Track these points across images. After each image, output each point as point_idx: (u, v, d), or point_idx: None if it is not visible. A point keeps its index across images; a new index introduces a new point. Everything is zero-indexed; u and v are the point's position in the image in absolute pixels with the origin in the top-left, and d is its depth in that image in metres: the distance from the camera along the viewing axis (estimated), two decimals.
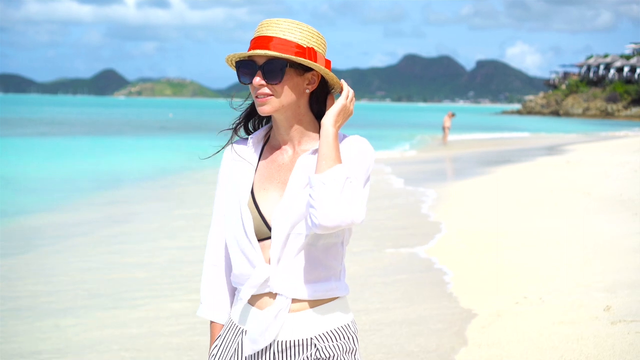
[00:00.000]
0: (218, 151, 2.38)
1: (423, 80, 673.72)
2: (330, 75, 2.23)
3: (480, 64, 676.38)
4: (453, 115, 35.85)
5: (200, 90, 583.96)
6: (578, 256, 7.61)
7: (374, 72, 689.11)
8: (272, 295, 2.19)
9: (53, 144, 30.72)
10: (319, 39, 2.24)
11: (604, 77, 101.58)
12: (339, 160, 2.11)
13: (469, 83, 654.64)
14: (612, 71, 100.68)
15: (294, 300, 2.19)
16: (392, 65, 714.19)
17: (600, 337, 4.87)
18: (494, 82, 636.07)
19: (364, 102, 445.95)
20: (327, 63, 2.25)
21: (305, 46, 2.19)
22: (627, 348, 4.58)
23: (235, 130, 2.35)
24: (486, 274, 7.19)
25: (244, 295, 2.19)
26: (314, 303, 2.20)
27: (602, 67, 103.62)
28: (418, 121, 73.87)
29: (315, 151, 2.21)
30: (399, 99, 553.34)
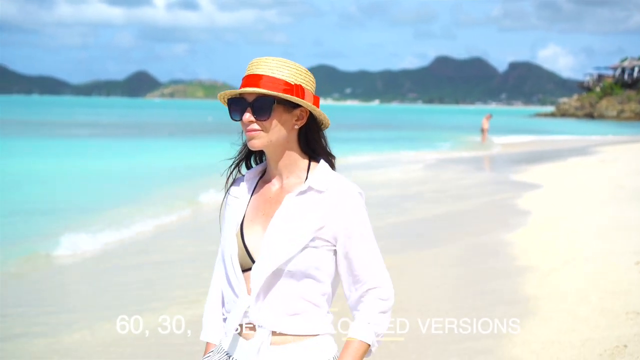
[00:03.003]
0: (227, 182, 2.48)
1: (455, 82, 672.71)
2: (317, 112, 2.32)
3: (513, 66, 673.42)
4: (491, 117, 37.61)
5: None
6: (613, 231, 9.36)
7: (405, 74, 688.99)
8: (254, 327, 2.28)
9: (117, 146, 32.15)
10: (307, 76, 2.33)
11: (638, 80, 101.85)
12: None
13: (501, 85, 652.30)
14: None
15: (274, 333, 2.27)
16: (424, 67, 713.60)
17: (632, 280, 6.65)
18: (527, 84, 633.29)
19: (395, 104, 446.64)
20: (316, 100, 2.33)
21: (293, 83, 2.27)
22: None
23: (238, 167, 2.47)
24: (541, 242, 8.98)
25: (229, 326, 2.32)
26: (295, 338, 2.27)
27: (636, 69, 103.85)
28: (453, 123, 75.28)
29: (302, 192, 2.30)
30: (430, 101, 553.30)
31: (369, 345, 2.29)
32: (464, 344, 5.34)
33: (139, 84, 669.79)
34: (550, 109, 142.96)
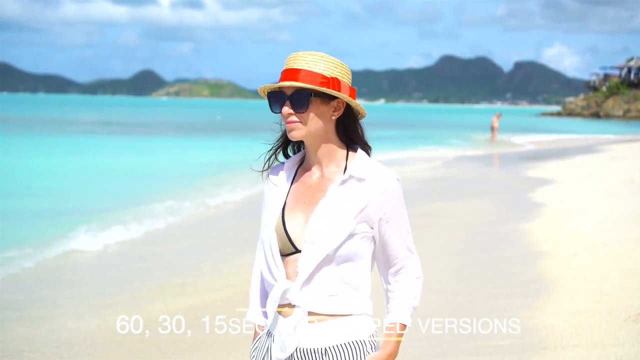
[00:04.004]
0: (263, 169, 2.59)
1: (460, 81, 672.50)
2: (354, 103, 2.43)
3: (518, 65, 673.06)
4: (500, 116, 38.37)
5: (238, 91, 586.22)
6: (627, 220, 10.04)
7: (411, 73, 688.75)
8: (293, 306, 2.40)
9: (133, 143, 32.77)
10: (343, 69, 2.43)
11: None
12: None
13: (506, 84, 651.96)
14: None
15: (311, 313, 2.38)
16: (429, 66, 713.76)
17: None
18: (532, 84, 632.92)
19: (400, 104, 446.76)
20: (352, 91, 2.44)
21: (329, 76, 2.37)
22: None
23: (275, 155, 2.57)
24: (560, 231, 9.65)
25: (269, 307, 2.44)
26: (331, 317, 2.39)
27: None
28: (462, 122, 75.89)
29: (344, 182, 2.41)
30: (436, 100, 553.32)
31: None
32: (499, 313, 6.01)
33: (144, 83, 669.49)
34: (555, 108, 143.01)
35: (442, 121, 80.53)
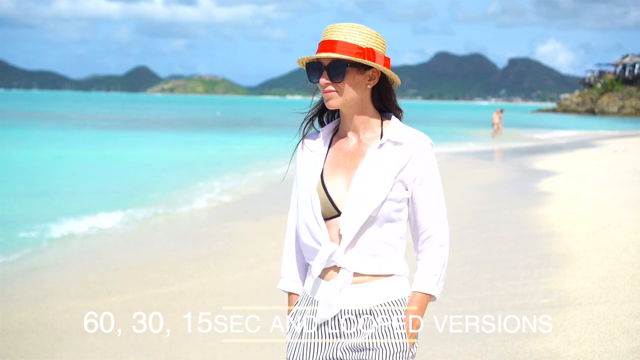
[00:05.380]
0: (300, 139, 2.65)
1: (455, 78, 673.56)
2: (388, 72, 2.49)
3: (513, 62, 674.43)
4: (502, 111, 39.19)
5: (232, 88, 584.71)
6: (637, 204, 10.88)
7: (405, 69, 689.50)
8: (337, 269, 2.47)
9: (141, 138, 33.55)
10: (378, 39, 2.48)
11: (639, 76, 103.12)
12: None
13: (500, 81, 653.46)
14: None
15: (356, 274, 2.45)
16: (424, 63, 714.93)
17: None
18: (526, 80, 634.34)
19: None
20: (387, 60, 2.50)
21: (364, 47, 2.43)
22: None
23: (311, 122, 2.64)
24: (574, 214, 10.50)
25: (314, 271, 2.48)
26: (374, 277, 2.47)
27: (637, 66, 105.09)
28: (461, 118, 76.67)
29: (381, 145, 2.50)
30: (430, 97, 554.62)
31: (433, 295, 2.55)
32: (533, 279, 6.84)
33: (138, 79, 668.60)
34: (550, 105, 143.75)
35: (442, 117, 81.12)
